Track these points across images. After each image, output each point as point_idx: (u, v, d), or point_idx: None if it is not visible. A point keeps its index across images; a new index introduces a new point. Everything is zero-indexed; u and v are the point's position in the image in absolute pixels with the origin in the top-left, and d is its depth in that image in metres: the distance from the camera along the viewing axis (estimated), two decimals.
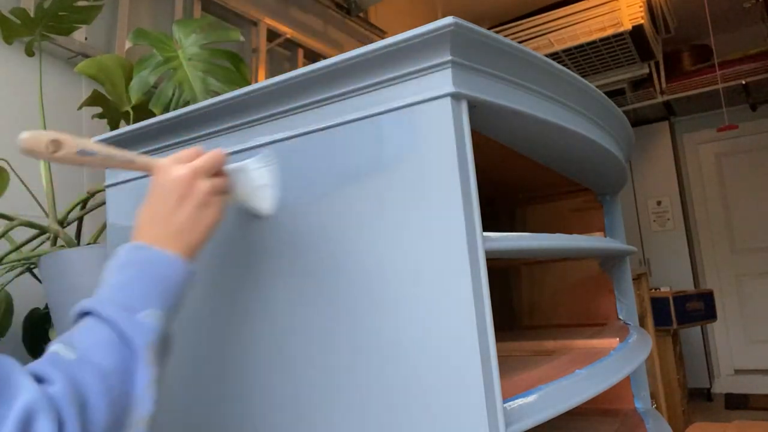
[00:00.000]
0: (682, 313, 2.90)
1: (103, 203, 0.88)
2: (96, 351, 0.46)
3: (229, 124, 0.71)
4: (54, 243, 1.17)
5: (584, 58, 3.10)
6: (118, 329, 0.47)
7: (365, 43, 0.60)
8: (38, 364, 0.44)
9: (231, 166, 0.63)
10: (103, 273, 0.53)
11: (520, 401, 0.59)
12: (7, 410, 0.38)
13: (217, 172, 0.61)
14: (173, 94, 1.22)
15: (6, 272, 1.15)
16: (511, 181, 1.21)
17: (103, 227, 1.16)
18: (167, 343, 0.52)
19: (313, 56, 2.49)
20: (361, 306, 0.59)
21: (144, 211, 0.58)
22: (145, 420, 0.47)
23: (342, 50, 2.56)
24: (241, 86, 1.09)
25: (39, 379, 0.42)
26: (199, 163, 0.58)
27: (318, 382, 0.62)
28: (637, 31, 2.82)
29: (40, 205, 1.23)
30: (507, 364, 0.82)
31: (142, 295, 0.50)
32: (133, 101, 1.22)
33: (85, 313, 0.50)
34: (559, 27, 2.96)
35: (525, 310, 1.34)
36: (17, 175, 1.21)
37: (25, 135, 0.53)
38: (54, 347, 0.46)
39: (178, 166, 0.58)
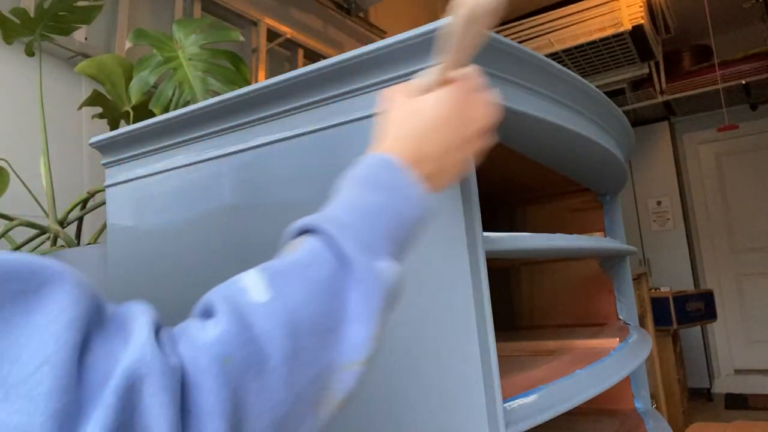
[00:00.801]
0: (682, 313, 2.90)
1: (103, 203, 0.88)
2: (297, 294, 0.33)
3: (229, 124, 0.71)
4: (54, 243, 1.17)
5: (584, 58, 3.10)
6: (348, 267, 0.35)
7: (365, 43, 0.60)
8: (206, 300, 0.34)
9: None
10: (344, 180, 0.43)
11: (520, 401, 0.59)
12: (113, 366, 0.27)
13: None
14: (173, 94, 1.22)
15: None
16: (511, 181, 1.21)
17: (103, 227, 1.16)
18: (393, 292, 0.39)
19: (313, 56, 2.49)
20: None
21: (423, 121, 0.45)
22: (348, 397, 0.36)
23: (342, 50, 2.56)
24: (241, 86, 1.09)
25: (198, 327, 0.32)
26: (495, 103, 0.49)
27: None
28: (637, 31, 2.82)
29: (40, 205, 1.23)
30: (507, 364, 0.82)
31: (384, 236, 0.39)
32: (133, 101, 1.22)
33: (307, 232, 0.38)
34: (559, 27, 2.96)
35: (525, 310, 1.34)
36: (17, 175, 1.21)
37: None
38: (245, 278, 0.35)
39: (483, 99, 0.48)
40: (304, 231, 0.38)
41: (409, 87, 0.48)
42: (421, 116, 0.45)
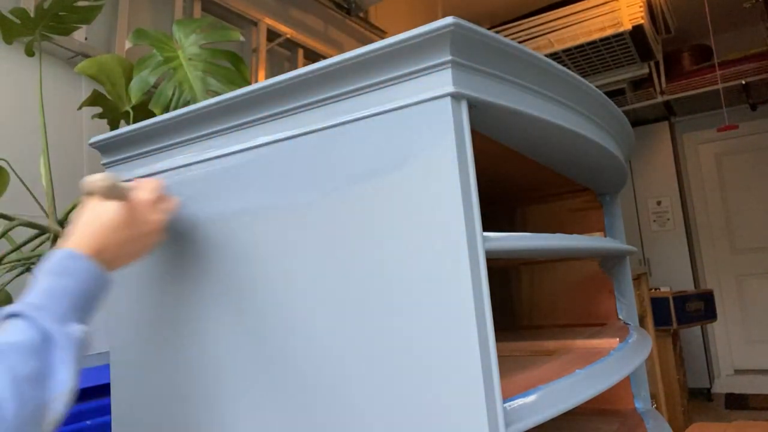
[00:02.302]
0: (682, 313, 2.90)
1: None
2: (16, 353, 0.48)
3: (229, 124, 0.71)
4: (54, 243, 1.17)
5: (584, 58, 3.10)
6: (47, 336, 0.50)
7: (365, 43, 0.60)
8: None
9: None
10: (36, 275, 0.56)
11: (520, 401, 0.59)
12: None
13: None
14: (173, 94, 1.22)
15: (6, 272, 1.15)
16: (511, 181, 1.21)
17: None
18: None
19: (313, 56, 2.49)
20: (361, 306, 0.59)
21: (104, 225, 0.62)
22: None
23: (342, 50, 2.56)
24: (241, 86, 1.09)
25: None
26: (171, 209, 0.69)
27: (318, 382, 0.62)
28: (637, 31, 2.82)
29: (40, 205, 1.23)
30: (507, 364, 0.82)
31: (71, 307, 0.55)
32: (133, 101, 1.22)
33: (13, 316, 0.52)
34: (559, 27, 2.96)
35: (525, 310, 1.34)
36: (17, 175, 1.21)
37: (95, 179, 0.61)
38: None
39: (155, 210, 0.66)
40: (11, 315, 0.52)
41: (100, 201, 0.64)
42: (101, 220, 0.61)
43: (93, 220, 0.62)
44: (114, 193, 0.63)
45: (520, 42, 2.80)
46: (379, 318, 0.58)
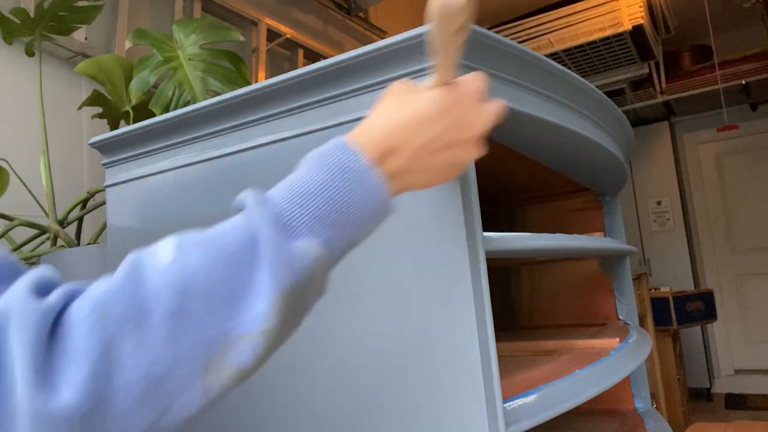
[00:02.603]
0: (682, 313, 2.90)
1: (103, 203, 0.88)
2: (200, 260, 0.34)
3: (229, 124, 0.71)
4: (54, 243, 1.17)
5: (584, 58, 3.09)
6: (254, 244, 0.35)
7: (365, 43, 0.60)
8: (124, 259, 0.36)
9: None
10: (301, 160, 0.42)
11: (520, 401, 0.59)
12: None
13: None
14: (173, 94, 1.22)
15: None
16: (511, 181, 1.21)
17: (103, 227, 1.16)
18: (317, 286, 0.39)
19: (313, 56, 2.49)
20: (362, 306, 0.59)
21: (413, 119, 0.43)
22: (245, 371, 0.35)
23: (342, 50, 2.56)
24: (241, 86, 1.09)
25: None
26: (495, 113, 0.47)
27: (318, 383, 0.62)
28: (637, 31, 2.82)
29: (40, 205, 1.23)
30: (507, 364, 0.82)
31: (314, 216, 0.38)
32: (133, 101, 1.22)
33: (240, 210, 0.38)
34: (559, 27, 2.95)
35: (525, 310, 1.34)
36: (17, 175, 1.21)
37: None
38: (162, 242, 0.36)
39: (480, 110, 0.46)
40: (241, 208, 0.38)
41: (414, 84, 0.46)
42: (408, 107, 0.43)
43: (398, 104, 0.44)
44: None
45: (520, 42, 2.80)
46: (378, 318, 0.58)
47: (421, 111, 0.43)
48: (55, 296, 0.32)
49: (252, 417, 0.66)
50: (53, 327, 0.30)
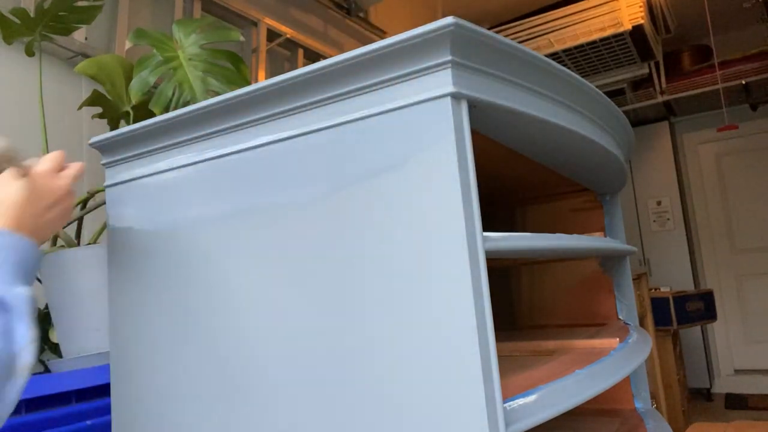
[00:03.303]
0: (682, 313, 2.90)
1: (103, 203, 0.88)
2: None
3: (229, 124, 0.71)
4: (54, 243, 1.17)
5: (584, 58, 3.10)
6: (1, 300, 0.56)
7: (365, 43, 0.60)
8: None
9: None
10: None
11: (520, 401, 0.59)
12: None
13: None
14: (173, 94, 1.22)
15: None
16: (511, 181, 1.21)
17: (103, 227, 1.16)
18: (34, 309, 0.61)
19: (313, 56, 2.49)
20: (362, 306, 0.59)
21: (15, 202, 0.65)
22: (28, 368, 0.56)
23: (342, 50, 2.56)
24: (241, 86, 1.09)
25: None
26: (73, 177, 0.72)
27: (319, 382, 0.62)
28: (637, 31, 2.82)
29: None
30: (507, 364, 0.82)
31: (13, 273, 0.59)
32: (133, 101, 1.22)
33: None
34: (559, 27, 2.96)
35: (525, 310, 1.34)
36: None
37: None
38: None
39: (59, 176, 0.71)
40: None
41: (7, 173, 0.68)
42: (10, 199, 0.64)
43: (5, 199, 0.66)
44: (8, 161, 0.68)
45: (520, 42, 2.80)
46: (378, 317, 0.58)
47: (18, 198, 0.65)
48: None
49: (250, 414, 0.66)
50: None
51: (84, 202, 1.23)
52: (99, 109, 1.33)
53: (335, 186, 0.62)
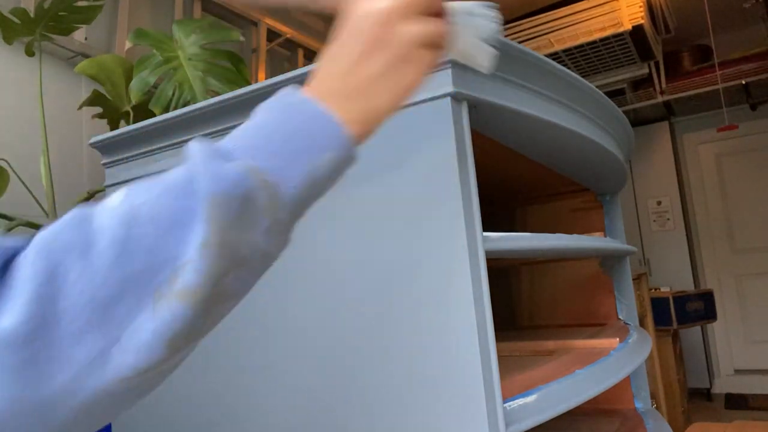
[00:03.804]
0: (682, 313, 2.90)
1: None
2: (145, 195, 0.34)
3: (229, 124, 0.71)
4: None
5: (584, 58, 3.10)
6: (190, 173, 0.34)
7: None
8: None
9: (453, 5, 0.45)
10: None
11: (520, 401, 0.59)
12: None
13: (434, 11, 0.42)
14: (173, 94, 1.22)
15: None
16: (511, 181, 1.21)
17: None
18: (271, 214, 0.37)
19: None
20: (362, 306, 0.59)
21: (324, 57, 0.42)
22: (192, 293, 0.33)
23: None
24: (241, 86, 1.09)
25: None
26: None
27: (319, 382, 0.62)
28: (637, 31, 2.82)
29: (40, 205, 1.23)
30: (507, 364, 0.82)
31: (252, 146, 0.38)
32: (133, 101, 1.22)
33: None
34: (559, 27, 2.96)
35: (525, 310, 1.34)
36: (17, 175, 1.21)
37: None
38: (115, 192, 0.36)
39: (410, 21, 0.41)
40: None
41: None
42: (335, 45, 0.41)
43: (324, 54, 0.42)
44: None
45: (520, 42, 2.80)
46: (378, 318, 0.58)
47: (336, 44, 0.42)
48: (8, 241, 0.32)
49: (248, 411, 0.67)
50: (5, 265, 0.31)
51: (84, 202, 1.23)
52: (99, 109, 1.33)
53: (335, 186, 0.62)
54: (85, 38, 1.59)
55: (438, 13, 0.43)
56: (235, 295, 0.38)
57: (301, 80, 0.64)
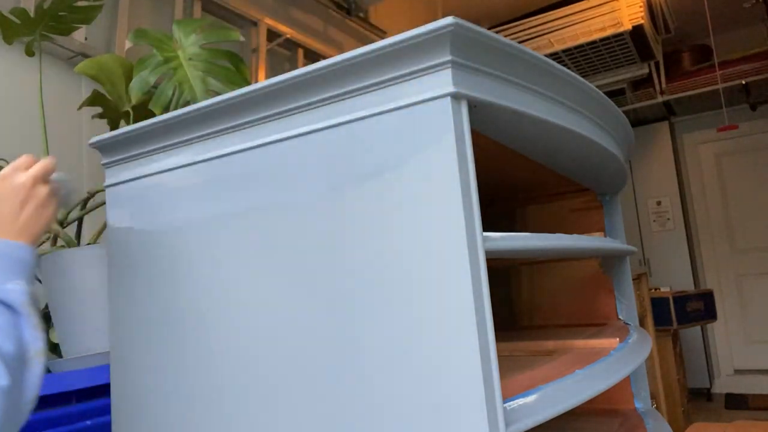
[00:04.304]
0: (682, 313, 2.90)
1: (103, 203, 0.88)
2: None
3: (229, 124, 0.71)
4: (54, 243, 1.17)
5: (584, 58, 3.10)
6: (7, 305, 0.59)
7: (365, 43, 0.60)
8: None
9: (54, 175, 0.74)
10: None
11: (520, 401, 0.59)
12: None
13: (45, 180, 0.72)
14: (173, 94, 1.22)
15: None
16: (511, 181, 1.21)
17: (103, 227, 1.16)
18: (34, 302, 0.64)
19: (313, 56, 2.49)
20: (361, 306, 0.59)
21: None
22: (41, 353, 0.60)
23: (342, 50, 2.56)
24: (241, 86, 1.09)
25: None
26: (36, 171, 0.70)
27: (318, 382, 0.62)
28: (637, 31, 2.82)
29: None
30: (507, 364, 0.82)
31: (5, 272, 0.62)
32: (133, 101, 1.22)
33: None
34: (559, 27, 2.96)
35: (525, 310, 1.34)
36: None
37: None
38: None
39: (19, 174, 0.69)
40: None
41: None
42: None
43: None
44: None
45: (520, 42, 2.80)
46: (379, 317, 0.58)
47: None
48: None
49: (250, 417, 0.66)
50: None
51: (84, 202, 1.23)
52: (99, 109, 1.33)
53: (335, 186, 0.62)
54: (85, 38, 1.59)
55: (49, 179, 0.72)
56: None
57: (301, 80, 0.64)
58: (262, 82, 0.66)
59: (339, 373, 0.60)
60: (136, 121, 1.08)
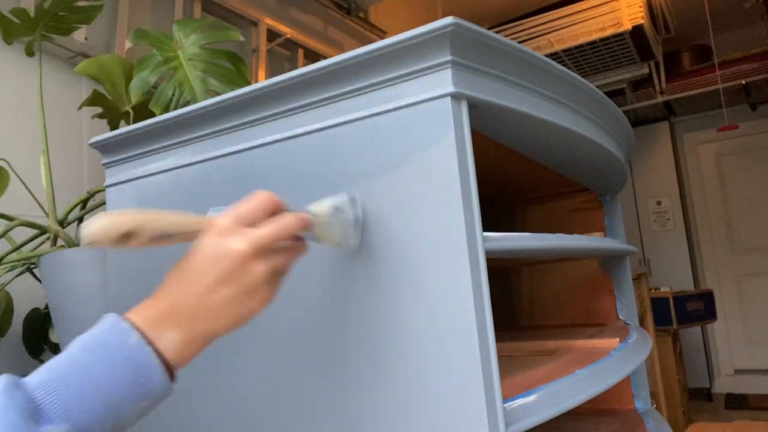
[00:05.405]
0: (682, 313, 2.90)
1: (103, 203, 0.88)
2: None
3: (229, 124, 0.71)
4: (54, 243, 1.17)
5: (584, 58, 3.10)
6: None
7: (365, 43, 0.59)
8: None
9: (320, 209, 0.52)
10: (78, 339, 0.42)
11: (520, 401, 0.59)
12: None
13: (286, 237, 0.47)
14: (173, 94, 1.22)
15: (6, 272, 1.15)
16: (511, 181, 1.21)
17: None
18: None
19: (313, 56, 2.49)
20: (361, 306, 0.59)
21: (173, 272, 0.46)
22: None
23: (342, 50, 2.56)
24: (241, 86, 1.09)
25: None
26: (264, 238, 0.45)
27: (317, 382, 0.62)
28: (637, 31, 2.82)
29: (40, 205, 1.23)
30: (507, 364, 0.82)
31: (67, 401, 0.37)
32: (133, 101, 1.22)
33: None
34: (559, 27, 2.96)
35: (525, 310, 1.34)
36: (17, 175, 1.21)
37: (92, 228, 0.41)
38: None
39: (237, 234, 0.45)
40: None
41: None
42: (174, 270, 0.46)
43: (174, 269, 0.46)
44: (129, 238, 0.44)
45: (520, 42, 2.80)
46: (377, 317, 0.58)
47: (187, 266, 0.45)
48: None
49: (249, 417, 0.67)
50: None
51: (84, 202, 1.23)
52: (99, 109, 1.33)
53: (335, 186, 0.62)
54: (85, 38, 1.59)
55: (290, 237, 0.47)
56: None
57: (301, 80, 0.64)
58: (262, 82, 0.66)
59: (338, 372, 0.60)
60: (136, 121, 1.08)
